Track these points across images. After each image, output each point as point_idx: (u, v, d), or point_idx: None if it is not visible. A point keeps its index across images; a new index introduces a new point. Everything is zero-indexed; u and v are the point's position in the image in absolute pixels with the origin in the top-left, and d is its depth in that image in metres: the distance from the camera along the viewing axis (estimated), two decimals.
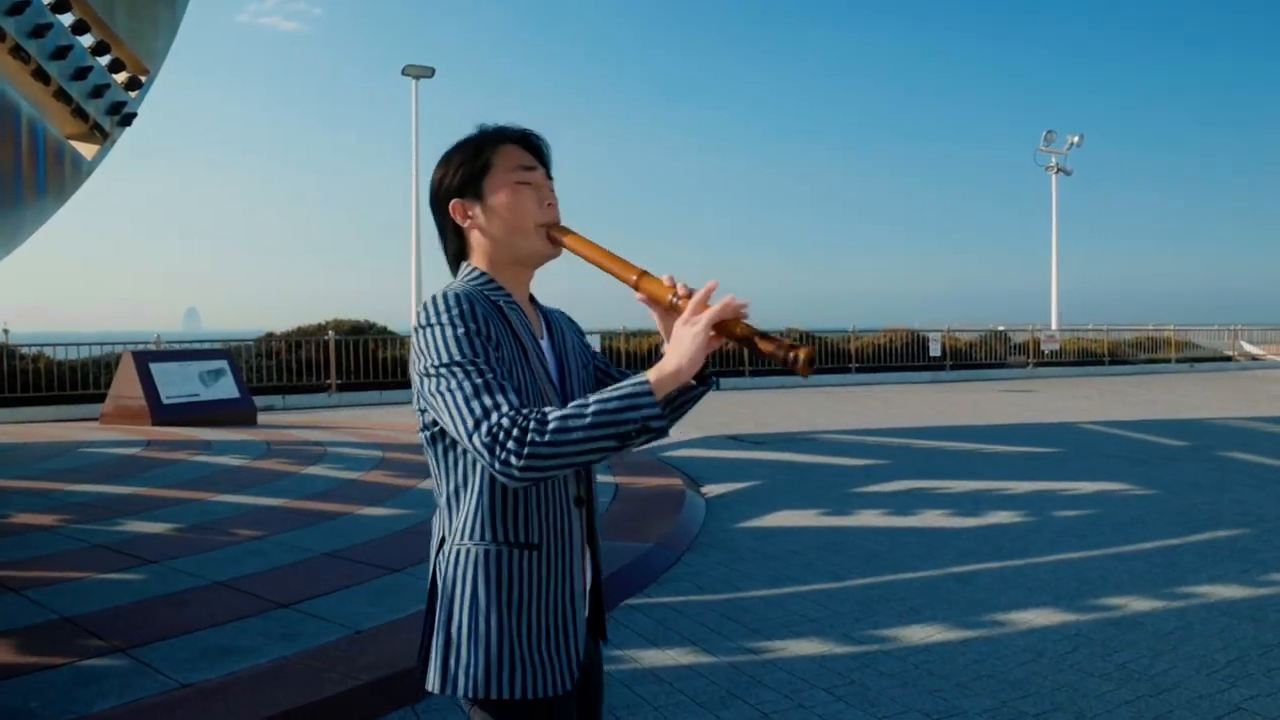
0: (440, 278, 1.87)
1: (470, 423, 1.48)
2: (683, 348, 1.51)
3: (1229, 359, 29.53)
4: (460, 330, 1.54)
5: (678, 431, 1.54)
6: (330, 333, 18.00)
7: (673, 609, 4.85)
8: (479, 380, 1.50)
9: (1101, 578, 5.33)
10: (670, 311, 1.62)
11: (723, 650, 4.23)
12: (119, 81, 10.80)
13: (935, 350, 23.70)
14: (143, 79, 11.13)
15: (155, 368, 12.34)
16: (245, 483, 7.82)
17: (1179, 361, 27.83)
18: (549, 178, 1.74)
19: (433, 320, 1.56)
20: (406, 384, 18.31)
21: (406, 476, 8.17)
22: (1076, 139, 31.68)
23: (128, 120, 11.04)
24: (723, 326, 1.52)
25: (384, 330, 19.37)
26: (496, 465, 1.45)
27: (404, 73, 24.43)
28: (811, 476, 8.80)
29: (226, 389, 13.02)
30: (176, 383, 12.41)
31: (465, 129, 1.76)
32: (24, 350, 15.62)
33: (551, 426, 1.44)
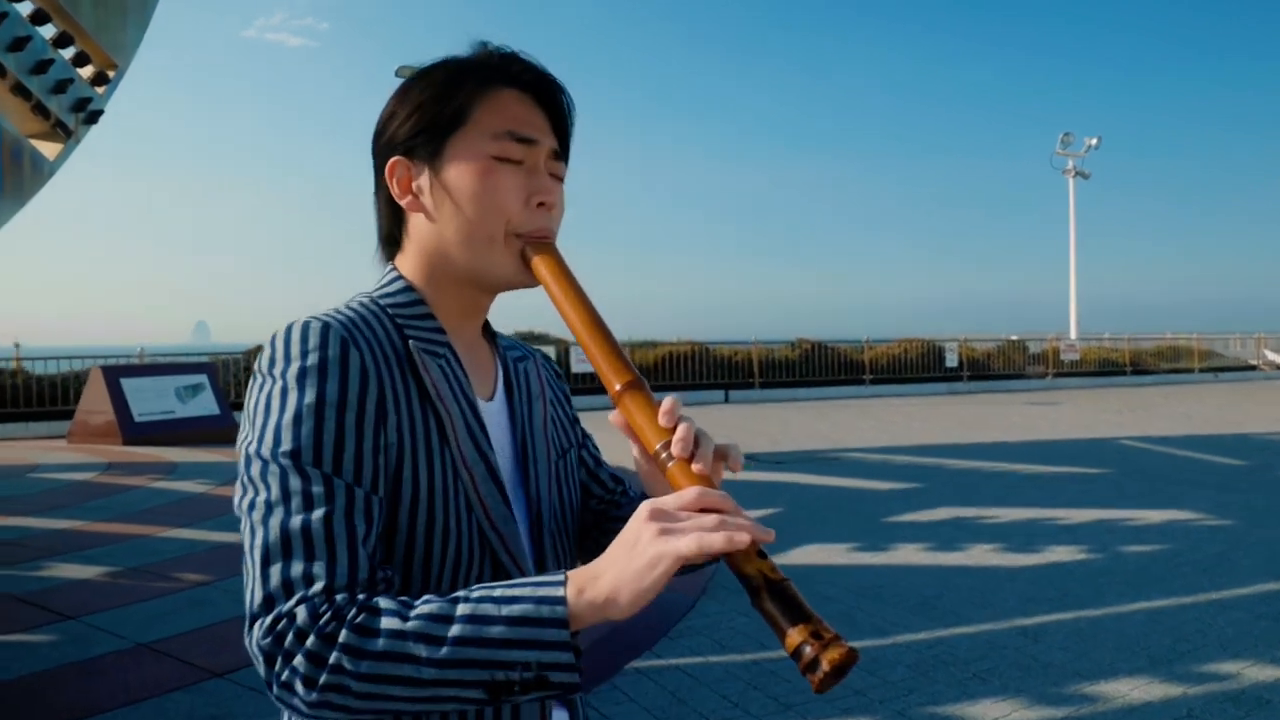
0: None
1: (256, 597, 0.81)
2: (635, 565, 0.79)
3: (1253, 368, 28.66)
4: (310, 399, 0.85)
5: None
6: None
7: (688, 674, 4.04)
8: (298, 520, 0.82)
9: (1200, 634, 4.47)
10: (652, 460, 0.93)
11: None
12: (84, 77, 10.07)
13: (951, 361, 22.95)
14: (110, 74, 10.40)
15: (127, 383, 11.59)
16: (202, 514, 7.04)
17: (1202, 371, 26.97)
18: (558, 159, 1.02)
19: (271, 370, 0.88)
20: None
21: None
22: (1094, 141, 30.87)
23: (94, 118, 10.30)
24: (728, 560, 0.84)
25: None
26: (274, 687, 0.79)
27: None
28: (840, 503, 7.95)
29: (205, 405, 12.28)
30: (150, 399, 11.67)
31: None
32: None
33: (379, 645, 0.77)
